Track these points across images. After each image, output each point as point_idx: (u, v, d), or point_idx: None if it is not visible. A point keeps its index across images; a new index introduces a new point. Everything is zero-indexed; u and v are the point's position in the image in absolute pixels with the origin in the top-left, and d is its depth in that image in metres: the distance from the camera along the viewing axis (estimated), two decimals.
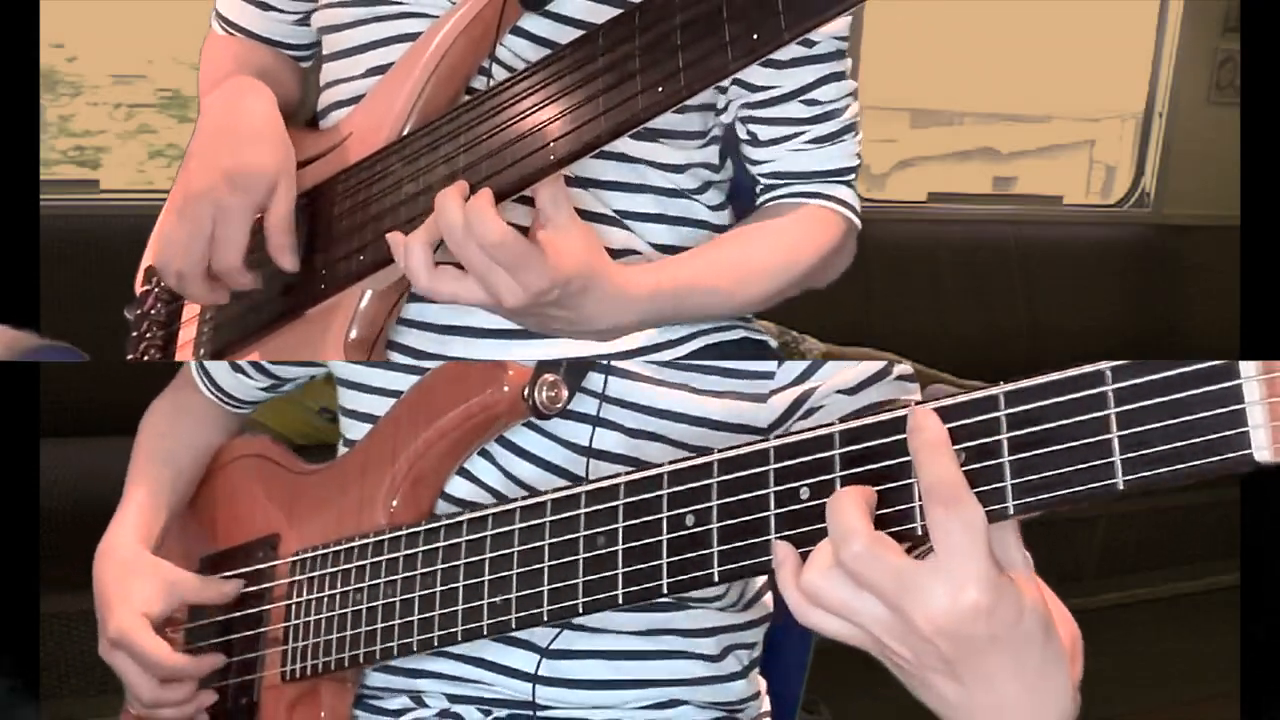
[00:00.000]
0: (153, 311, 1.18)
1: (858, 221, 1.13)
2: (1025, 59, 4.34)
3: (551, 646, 0.99)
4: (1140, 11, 3.51)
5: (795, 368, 0.98)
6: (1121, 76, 3.72)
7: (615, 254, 1.04)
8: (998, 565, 0.63)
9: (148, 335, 1.18)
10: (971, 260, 3.39)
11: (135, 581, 1.07)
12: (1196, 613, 3.01)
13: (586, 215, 1.04)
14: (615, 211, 1.06)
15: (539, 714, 1.01)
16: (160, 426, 1.21)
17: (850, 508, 0.65)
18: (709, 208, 1.12)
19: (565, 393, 0.95)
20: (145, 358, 1.18)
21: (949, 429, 0.65)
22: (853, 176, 1.13)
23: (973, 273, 3.39)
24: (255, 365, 1.16)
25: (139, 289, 1.20)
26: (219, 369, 1.19)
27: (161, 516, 1.14)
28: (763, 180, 1.13)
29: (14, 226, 1.63)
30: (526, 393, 0.95)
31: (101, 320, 1.23)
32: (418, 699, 1.04)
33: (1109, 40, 3.87)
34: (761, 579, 1.09)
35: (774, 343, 1.14)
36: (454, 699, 1.02)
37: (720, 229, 1.13)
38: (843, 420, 0.71)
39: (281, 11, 1.19)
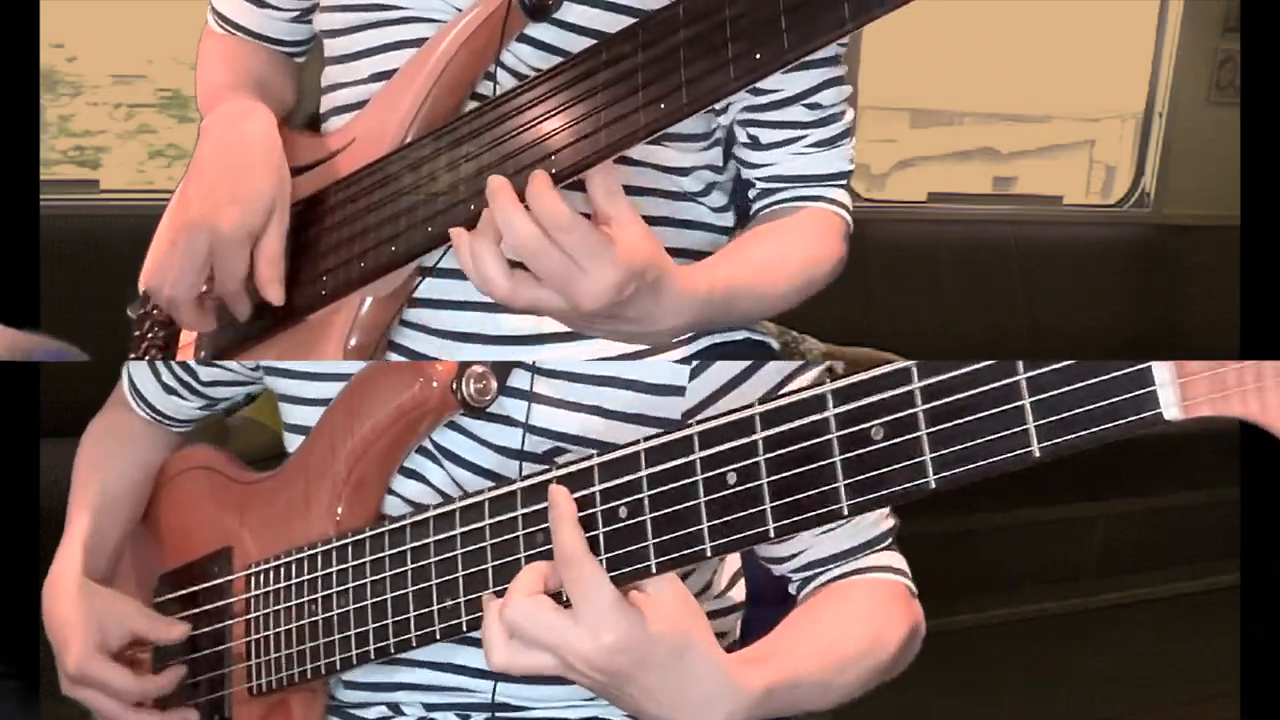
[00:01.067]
0: (155, 311, 1.18)
1: (851, 224, 1.13)
2: (1025, 59, 4.34)
3: None
4: (1140, 11, 3.51)
5: (706, 384, 0.97)
6: (1121, 76, 3.72)
7: None
8: (627, 606, 0.77)
9: (149, 335, 1.18)
10: (971, 260, 3.39)
11: (88, 615, 1.06)
12: (1196, 613, 3.01)
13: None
14: None
15: (515, 714, 1.01)
16: (96, 452, 1.18)
17: (520, 577, 0.80)
18: (713, 209, 1.12)
19: (494, 384, 0.95)
20: (147, 357, 1.19)
21: (869, 404, 0.70)
22: (848, 180, 1.13)
23: (973, 273, 3.39)
24: (188, 387, 1.16)
25: (142, 287, 1.20)
26: (151, 390, 1.17)
27: (109, 541, 1.12)
28: (759, 184, 1.13)
29: (14, 226, 1.63)
30: (455, 386, 0.95)
31: (101, 320, 1.23)
32: (395, 708, 1.03)
33: (1109, 40, 3.87)
34: (734, 566, 1.10)
35: (775, 343, 1.14)
36: (431, 707, 1.02)
37: (723, 230, 1.13)
38: (761, 401, 0.75)
39: (278, 9, 1.19)
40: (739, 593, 1.09)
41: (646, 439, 0.79)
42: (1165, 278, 3.58)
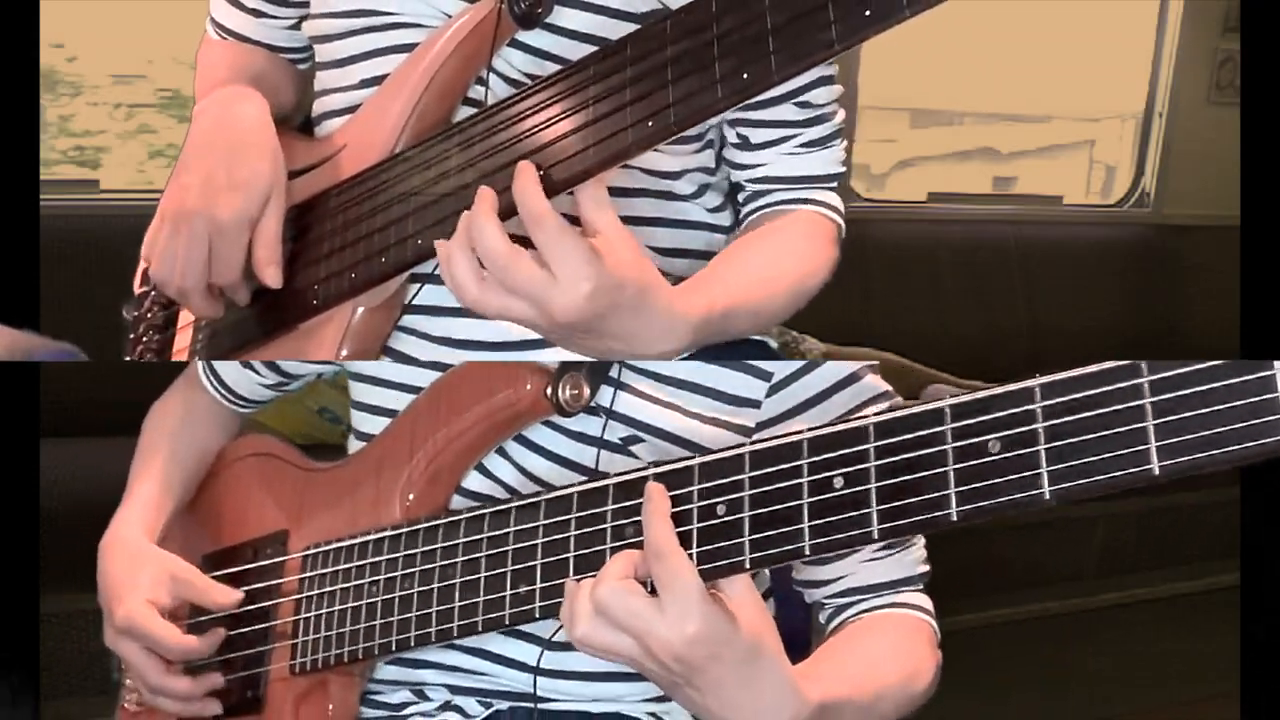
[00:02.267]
0: (149, 315, 1.18)
1: (844, 226, 1.13)
2: (1025, 59, 4.34)
3: (555, 638, 0.99)
4: (1140, 11, 3.51)
5: (782, 402, 0.99)
6: (1121, 76, 3.72)
7: None
8: (711, 600, 0.79)
9: (144, 339, 1.18)
10: (971, 260, 3.39)
11: (142, 572, 1.07)
12: (1196, 613, 3.01)
13: None
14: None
15: (540, 705, 1.01)
16: (167, 424, 1.20)
17: (612, 562, 0.81)
18: (708, 210, 1.12)
19: (587, 392, 0.96)
20: (141, 360, 1.19)
21: (987, 420, 0.70)
22: (838, 182, 1.13)
23: (973, 273, 3.38)
24: (265, 361, 1.16)
25: (137, 289, 1.20)
26: (226, 365, 1.18)
27: (166, 512, 1.14)
28: (749, 185, 1.12)
29: (14, 226, 1.63)
30: (549, 391, 0.95)
31: (101, 320, 1.23)
32: (419, 692, 1.04)
33: (1109, 40, 3.87)
34: (764, 584, 1.09)
35: (774, 343, 1.14)
36: (455, 690, 1.03)
37: (720, 229, 1.13)
38: (865, 416, 0.75)
39: (274, 18, 1.18)
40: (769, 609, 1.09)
41: (752, 442, 0.80)
42: (1165, 278, 3.58)
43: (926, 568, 1.05)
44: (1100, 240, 3.58)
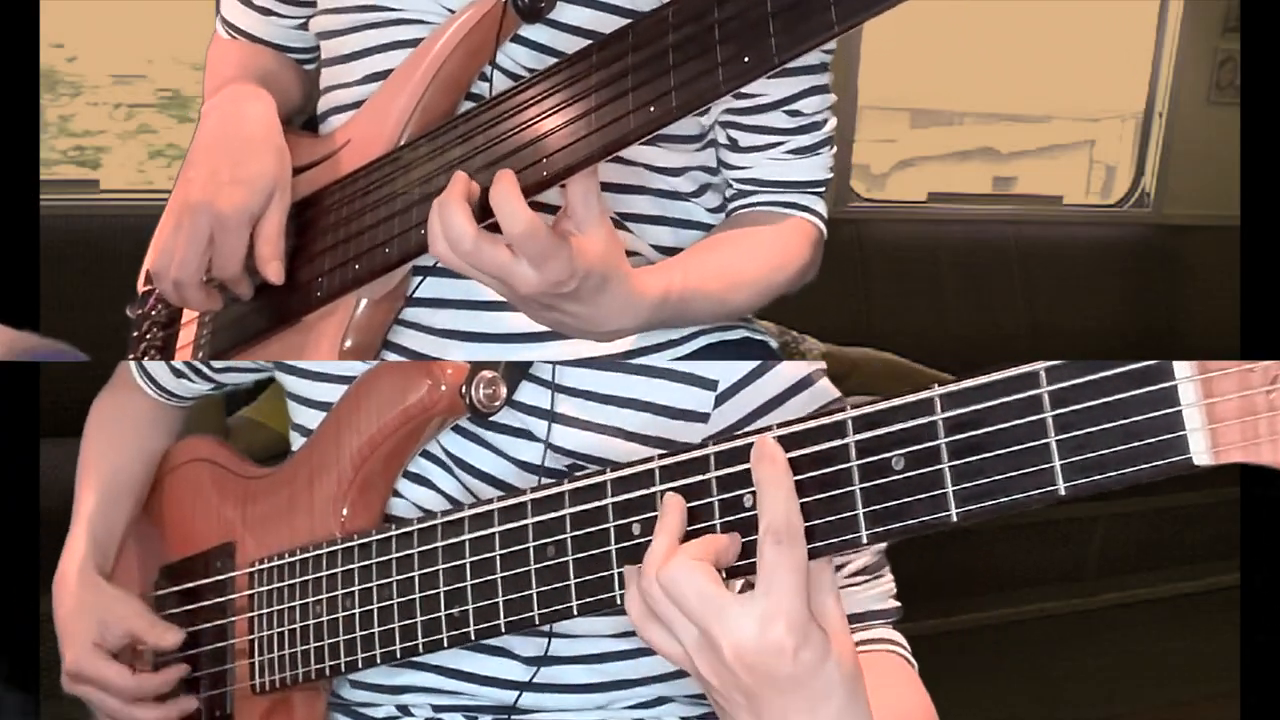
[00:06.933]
0: (154, 312, 1.18)
1: (825, 232, 1.13)
2: (1025, 59, 4.34)
3: (535, 655, 0.99)
4: (1140, 11, 3.52)
5: (734, 410, 0.96)
6: (1121, 76, 3.72)
7: None
8: (811, 610, 0.68)
9: (148, 335, 1.18)
10: (971, 260, 3.39)
11: (87, 612, 1.07)
12: (1196, 613, 3.01)
13: None
14: (616, 214, 1.06)
15: (523, 718, 1.00)
16: (102, 437, 1.19)
17: (665, 529, 0.71)
18: (707, 210, 1.12)
19: (504, 390, 0.94)
20: (145, 358, 1.19)
21: (887, 433, 0.67)
22: (825, 189, 1.13)
23: (973, 273, 3.39)
24: (198, 373, 1.16)
25: (141, 288, 1.20)
26: (160, 371, 1.18)
27: (113, 536, 1.13)
28: (735, 185, 1.13)
29: (14, 226, 1.63)
30: (464, 390, 0.94)
31: (101, 320, 1.23)
32: (403, 709, 1.03)
33: (1109, 40, 3.87)
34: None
35: (774, 343, 1.14)
36: (439, 709, 1.02)
37: None
38: (780, 425, 0.72)
39: (282, 16, 1.19)
40: None
41: (660, 455, 0.77)
42: (1165, 278, 3.59)
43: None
44: (1100, 240, 3.59)
